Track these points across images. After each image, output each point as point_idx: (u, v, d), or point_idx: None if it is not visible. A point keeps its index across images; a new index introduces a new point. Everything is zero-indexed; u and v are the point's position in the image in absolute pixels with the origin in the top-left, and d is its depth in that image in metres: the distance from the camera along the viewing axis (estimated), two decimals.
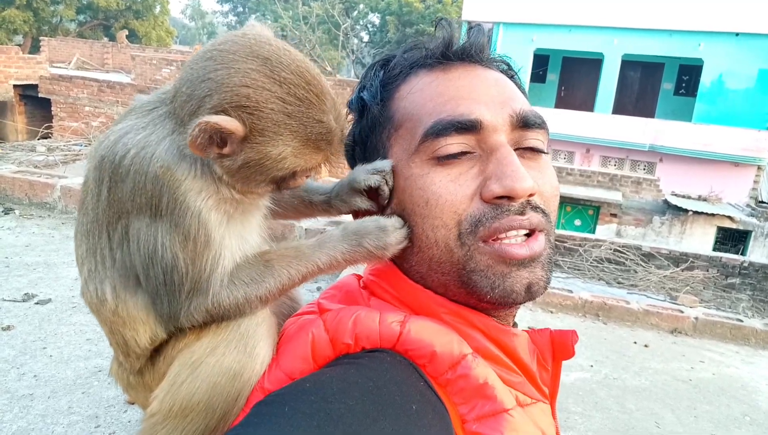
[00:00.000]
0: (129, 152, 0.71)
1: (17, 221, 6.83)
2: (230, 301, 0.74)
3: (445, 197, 0.72)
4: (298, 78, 0.69)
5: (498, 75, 0.81)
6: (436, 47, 0.81)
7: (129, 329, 0.77)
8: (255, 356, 0.74)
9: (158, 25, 35.33)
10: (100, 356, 4.05)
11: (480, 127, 0.73)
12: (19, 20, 29.32)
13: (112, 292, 0.76)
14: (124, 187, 0.71)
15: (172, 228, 0.70)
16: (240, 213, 0.76)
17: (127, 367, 0.81)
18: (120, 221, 0.73)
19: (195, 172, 0.71)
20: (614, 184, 16.08)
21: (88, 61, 25.11)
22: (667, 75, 20.91)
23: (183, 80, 0.71)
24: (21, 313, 4.59)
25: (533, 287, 0.72)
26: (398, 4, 38.10)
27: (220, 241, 0.73)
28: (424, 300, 0.76)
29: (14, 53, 16.78)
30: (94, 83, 15.98)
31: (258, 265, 0.75)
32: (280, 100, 0.68)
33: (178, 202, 0.70)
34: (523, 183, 0.69)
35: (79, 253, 0.79)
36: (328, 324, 0.71)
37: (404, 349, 0.68)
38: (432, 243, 0.73)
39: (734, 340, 5.96)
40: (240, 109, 0.67)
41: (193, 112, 0.69)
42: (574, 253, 8.35)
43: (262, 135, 0.68)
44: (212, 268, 0.73)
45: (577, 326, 5.92)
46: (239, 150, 0.69)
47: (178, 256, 0.71)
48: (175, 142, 0.71)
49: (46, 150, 11.66)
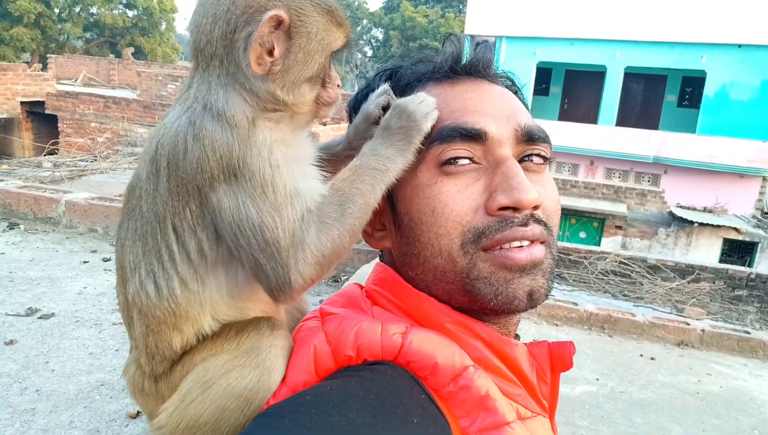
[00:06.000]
0: (182, 130, 0.71)
1: (22, 236, 6.86)
2: (330, 242, 0.72)
3: (451, 207, 0.72)
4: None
5: (503, 90, 0.83)
6: (444, 61, 0.82)
7: (173, 329, 0.77)
8: (269, 385, 0.73)
9: (164, 42, 35.77)
10: (102, 370, 4.04)
11: (485, 138, 0.74)
12: (27, 38, 29.75)
13: (180, 286, 0.76)
14: (188, 165, 0.70)
15: (248, 183, 0.70)
16: (297, 154, 0.77)
17: (147, 371, 0.81)
18: (189, 206, 0.72)
19: (248, 115, 0.72)
20: (619, 196, 16.04)
21: (95, 77, 25.39)
22: (670, 87, 20.95)
23: (200, 38, 0.75)
24: (24, 327, 4.59)
25: (535, 294, 0.72)
26: (402, 19, 38.44)
27: (294, 184, 0.72)
28: (427, 308, 0.76)
29: (21, 70, 16.97)
30: (100, 99, 16.14)
31: (335, 197, 0.75)
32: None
33: (246, 151, 0.70)
34: (528, 195, 0.70)
35: (130, 260, 0.78)
36: (330, 336, 0.71)
37: (406, 361, 0.67)
38: (436, 252, 0.74)
39: (742, 353, 5.89)
40: (270, 1, 0.71)
41: (229, 42, 0.73)
42: (580, 266, 8.31)
43: (299, 17, 0.73)
44: (300, 213, 0.72)
45: (583, 339, 5.87)
46: (283, 47, 0.73)
47: (262, 211, 0.70)
48: (218, 95, 0.73)
49: (52, 166, 11.74)
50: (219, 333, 0.79)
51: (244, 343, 0.76)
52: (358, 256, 6.41)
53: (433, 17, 38.71)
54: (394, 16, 39.76)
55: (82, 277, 5.81)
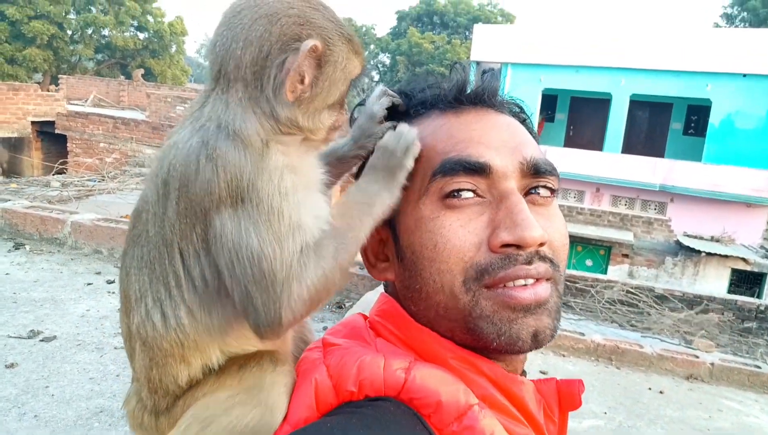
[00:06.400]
0: (195, 150, 0.70)
1: (27, 256, 6.86)
2: (324, 278, 0.71)
3: (453, 242, 0.71)
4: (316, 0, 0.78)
5: (510, 120, 0.81)
6: (449, 90, 0.81)
7: (181, 362, 0.75)
8: (271, 423, 0.71)
9: (174, 64, 36.31)
10: (102, 396, 3.99)
11: (490, 171, 0.72)
12: (40, 59, 30.26)
13: (188, 315, 0.73)
14: (198, 186, 0.69)
15: (255, 208, 0.68)
16: (305, 181, 0.76)
17: (148, 405, 0.79)
18: (195, 229, 0.71)
19: (262, 136, 0.72)
20: (625, 223, 15.98)
21: (105, 98, 25.70)
22: (675, 115, 21.01)
23: (227, 61, 0.73)
24: (26, 350, 4.56)
25: (540, 335, 0.70)
26: (408, 45, 38.93)
27: (299, 216, 0.71)
28: (430, 344, 0.74)
29: (33, 91, 17.21)
30: (110, 120, 16.32)
31: (329, 232, 0.74)
32: (320, 12, 0.74)
33: (257, 175, 0.69)
34: (533, 232, 0.68)
35: (135, 289, 0.76)
36: (331, 369, 0.69)
37: (409, 398, 0.65)
38: (438, 288, 0.72)
39: (753, 388, 5.77)
40: (304, 30, 0.72)
41: (259, 68, 0.72)
42: (586, 294, 8.23)
43: (328, 46, 0.74)
44: (300, 246, 0.70)
45: (590, 370, 5.78)
46: (312, 75, 0.73)
47: (264, 240, 0.68)
48: (236, 115, 0.72)
49: (61, 185, 11.82)
50: (222, 368, 0.77)
51: (246, 380, 0.74)
52: (363, 282, 6.37)
53: (439, 43, 39.20)
54: (401, 41, 40.29)
55: (85, 299, 5.79)
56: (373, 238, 0.78)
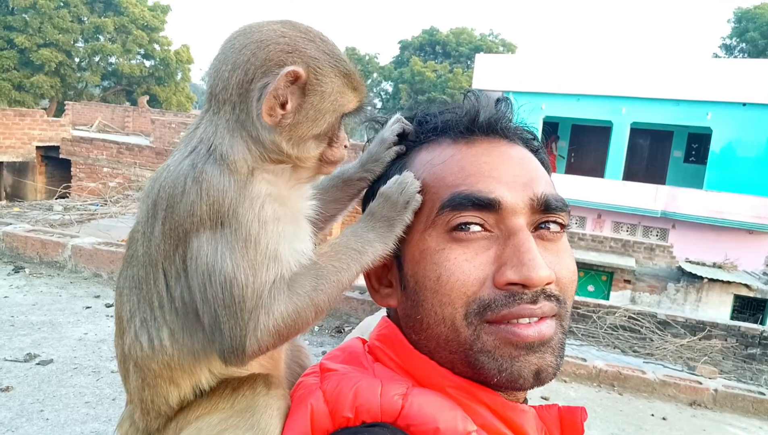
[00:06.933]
0: (183, 172, 0.71)
1: (26, 280, 6.86)
2: (295, 314, 0.70)
3: (457, 276, 0.70)
4: (315, 32, 0.78)
5: (523, 152, 0.79)
6: (461, 120, 0.79)
7: (170, 383, 0.75)
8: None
9: (179, 91, 36.71)
10: (97, 420, 3.94)
11: (499, 207, 0.71)
12: (47, 85, 30.66)
13: (170, 338, 0.74)
14: (182, 207, 0.70)
15: (233, 234, 0.69)
16: (289, 213, 0.76)
17: (141, 427, 0.78)
18: (177, 250, 0.71)
19: (249, 163, 0.73)
20: (627, 250, 15.93)
21: (110, 124, 25.99)
22: (676, 143, 21.12)
23: (216, 83, 0.75)
24: (21, 373, 4.52)
25: (542, 374, 0.69)
26: (411, 73, 39.37)
27: (275, 246, 0.71)
28: (428, 372, 0.73)
29: (39, 116, 17.42)
30: (114, 145, 16.47)
31: (311, 270, 0.73)
32: (314, 44, 0.75)
33: (239, 200, 0.70)
34: (540, 272, 0.67)
35: (126, 309, 0.76)
36: (328, 395, 0.68)
37: (406, 424, 0.64)
38: (439, 320, 0.71)
39: (757, 415, 5.68)
40: (290, 57, 0.73)
41: (244, 90, 0.73)
42: (588, 320, 8.16)
43: (316, 75, 0.74)
44: (273, 277, 0.70)
45: (592, 396, 5.70)
46: (296, 102, 0.74)
47: (238, 266, 0.68)
48: (224, 139, 0.73)
49: (63, 209, 11.87)
50: (215, 389, 0.76)
51: (239, 402, 0.73)
52: (362, 306, 6.34)
53: (441, 72, 39.66)
54: (404, 70, 40.78)
55: (83, 322, 5.76)
56: (377, 263, 0.78)
